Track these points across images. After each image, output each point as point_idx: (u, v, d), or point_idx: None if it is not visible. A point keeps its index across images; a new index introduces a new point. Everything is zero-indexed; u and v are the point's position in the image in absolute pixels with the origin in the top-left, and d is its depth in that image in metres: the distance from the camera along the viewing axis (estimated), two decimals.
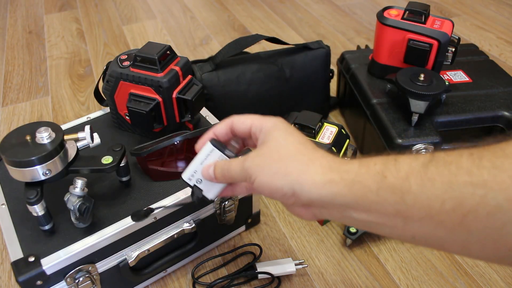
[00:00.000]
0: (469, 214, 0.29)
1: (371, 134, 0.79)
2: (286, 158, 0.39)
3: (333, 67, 0.99)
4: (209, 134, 0.46)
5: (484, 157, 0.29)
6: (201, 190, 0.47)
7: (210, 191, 0.46)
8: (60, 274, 0.52)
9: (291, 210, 0.42)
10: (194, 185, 0.46)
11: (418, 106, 0.69)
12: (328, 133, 0.67)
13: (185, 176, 0.47)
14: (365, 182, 0.34)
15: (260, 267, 0.64)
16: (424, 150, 0.69)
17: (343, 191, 0.36)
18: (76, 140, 0.54)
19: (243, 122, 0.44)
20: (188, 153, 0.61)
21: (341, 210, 0.37)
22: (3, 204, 0.58)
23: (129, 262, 0.57)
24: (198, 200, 0.47)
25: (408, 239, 0.35)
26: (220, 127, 0.46)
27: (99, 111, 0.75)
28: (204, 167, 0.45)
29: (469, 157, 0.30)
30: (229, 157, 0.44)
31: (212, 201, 0.47)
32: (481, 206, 0.28)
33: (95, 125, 0.71)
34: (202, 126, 0.70)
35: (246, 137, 0.45)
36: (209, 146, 0.45)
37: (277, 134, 0.41)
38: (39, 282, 0.50)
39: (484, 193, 0.28)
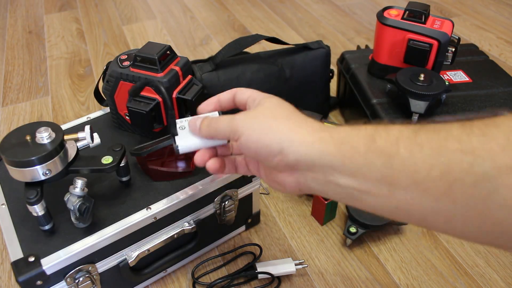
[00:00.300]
0: (456, 182, 0.29)
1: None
2: (277, 117, 0.39)
3: (333, 67, 0.99)
4: (213, 99, 0.47)
5: (474, 126, 0.29)
6: (176, 133, 0.46)
7: (183, 140, 0.45)
8: (60, 274, 0.52)
9: (273, 177, 0.41)
10: (178, 127, 0.46)
11: (418, 106, 0.69)
12: None
13: (179, 120, 0.47)
14: (354, 143, 0.34)
15: (260, 267, 0.64)
16: None
17: (331, 149, 0.35)
18: (76, 140, 0.54)
19: (243, 92, 0.45)
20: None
21: (327, 173, 0.36)
22: (3, 204, 0.58)
23: (129, 262, 0.57)
24: (172, 135, 0.46)
25: (391, 209, 0.34)
26: (224, 94, 0.47)
27: (99, 111, 0.75)
28: (193, 117, 0.45)
29: (459, 126, 0.30)
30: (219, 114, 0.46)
31: (177, 152, 0.46)
32: (468, 174, 0.28)
33: (95, 125, 0.71)
34: None
35: (243, 109, 0.46)
36: (214, 114, 0.47)
37: (270, 100, 0.42)
38: (39, 282, 0.50)
39: (472, 160, 0.28)
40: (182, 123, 0.47)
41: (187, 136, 0.45)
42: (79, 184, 0.52)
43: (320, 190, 0.38)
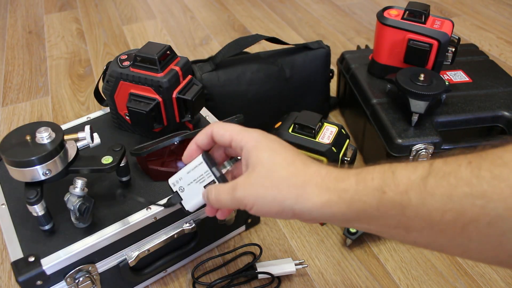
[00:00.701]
0: (470, 224, 0.29)
1: (371, 134, 0.79)
2: (279, 184, 0.38)
3: (333, 67, 0.99)
4: (192, 146, 0.46)
5: (482, 166, 0.29)
6: (181, 199, 0.47)
7: (189, 203, 0.47)
8: (60, 274, 0.52)
9: None
10: (176, 191, 0.47)
11: (418, 106, 0.69)
12: (328, 133, 0.67)
13: (171, 180, 0.47)
14: (364, 199, 0.35)
15: (260, 267, 0.64)
16: (424, 150, 0.69)
17: (342, 209, 0.36)
18: (76, 140, 0.54)
19: (222, 135, 0.43)
20: None
21: (343, 223, 0.37)
22: (3, 204, 0.58)
23: (129, 262, 0.57)
24: (169, 206, 0.48)
25: (410, 243, 0.35)
26: (201, 138, 0.45)
27: (99, 111, 0.75)
28: (202, 193, 0.45)
29: (467, 166, 0.30)
30: (215, 175, 0.44)
31: (189, 213, 0.48)
32: (482, 216, 0.29)
33: (95, 125, 0.71)
34: (202, 126, 0.70)
35: (227, 147, 0.45)
36: (199, 159, 0.45)
37: (263, 156, 0.40)
38: (39, 282, 0.50)
39: (484, 204, 0.28)
40: (178, 185, 0.47)
41: (191, 198, 0.47)
42: (79, 184, 0.52)
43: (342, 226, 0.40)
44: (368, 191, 0.34)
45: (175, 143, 0.60)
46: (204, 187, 0.45)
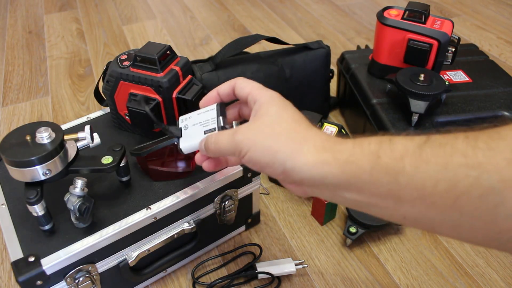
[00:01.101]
0: (462, 196, 0.29)
1: (371, 134, 0.79)
2: (279, 134, 0.38)
3: (333, 67, 0.99)
4: (213, 93, 0.47)
5: (479, 139, 0.29)
6: (180, 135, 0.48)
7: (186, 142, 0.47)
8: (60, 274, 0.52)
9: (282, 184, 0.42)
10: (181, 127, 0.49)
11: (418, 106, 0.69)
12: (328, 133, 0.67)
13: (181, 117, 0.49)
14: (358, 162, 0.34)
15: (260, 267, 0.64)
16: None
17: (335, 171, 0.35)
18: (76, 140, 0.54)
19: (243, 87, 0.45)
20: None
21: (332, 190, 0.37)
22: (3, 204, 0.58)
23: (129, 262, 0.57)
24: (167, 132, 0.49)
25: (399, 219, 0.35)
26: (224, 88, 0.47)
27: (99, 111, 0.75)
28: (201, 140, 0.46)
29: (464, 139, 0.30)
30: (218, 124, 0.45)
31: (181, 152, 0.48)
32: (474, 187, 0.28)
33: (95, 125, 0.71)
34: None
35: (243, 103, 0.46)
36: (213, 105, 0.47)
37: (272, 109, 0.41)
38: (39, 282, 0.50)
39: (478, 175, 0.28)
40: (185, 122, 0.48)
41: (189, 139, 0.47)
42: (79, 184, 0.52)
43: (329, 199, 0.39)
44: (364, 154, 0.34)
45: (175, 143, 0.60)
46: (205, 132, 0.46)
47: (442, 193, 0.30)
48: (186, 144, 0.47)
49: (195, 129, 0.47)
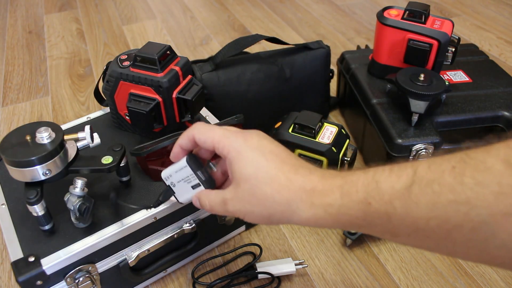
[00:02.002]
0: (454, 229, 0.30)
1: (371, 134, 0.79)
2: (264, 201, 0.39)
3: (333, 67, 0.99)
4: (177, 149, 0.46)
5: (466, 172, 0.29)
6: (173, 192, 0.50)
7: (182, 197, 0.49)
8: (60, 274, 0.52)
9: None
10: (169, 185, 0.49)
11: (418, 106, 0.69)
12: (328, 133, 0.67)
13: (163, 174, 0.49)
14: (350, 212, 0.36)
15: (260, 267, 0.64)
16: (424, 150, 0.69)
17: (330, 222, 0.37)
18: (76, 140, 0.54)
19: (204, 141, 0.43)
20: None
21: (335, 228, 0.41)
22: (3, 204, 0.58)
23: (129, 262, 0.57)
24: (161, 203, 0.51)
25: (400, 244, 0.38)
26: (185, 142, 0.45)
27: (99, 111, 0.75)
28: (193, 200, 0.47)
29: (451, 172, 0.30)
30: (200, 179, 0.46)
31: (182, 204, 0.51)
32: (466, 222, 0.29)
33: (95, 125, 0.71)
34: None
35: (213, 150, 0.45)
36: (183, 162, 0.46)
37: (246, 172, 0.40)
38: (39, 282, 0.50)
39: (467, 210, 0.29)
40: (169, 180, 0.49)
41: (183, 193, 0.49)
42: (79, 184, 0.52)
43: None
44: (353, 205, 0.35)
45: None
46: (192, 187, 0.47)
47: (434, 229, 0.31)
48: (182, 198, 0.50)
49: (182, 186, 0.48)
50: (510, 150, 0.28)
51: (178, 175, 0.48)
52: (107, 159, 0.53)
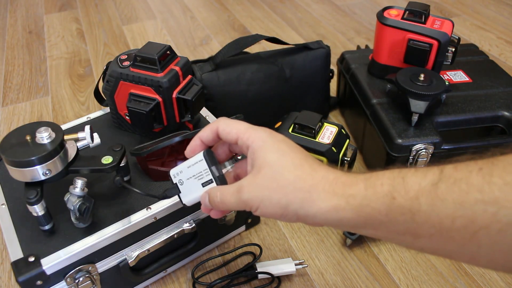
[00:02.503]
0: (480, 231, 0.29)
1: (371, 134, 0.79)
2: (285, 187, 0.37)
3: (333, 67, 0.99)
4: (196, 141, 0.45)
5: (494, 173, 0.29)
6: (179, 191, 0.47)
7: (187, 197, 0.47)
8: (60, 274, 0.52)
9: None
10: (176, 183, 0.47)
11: (418, 106, 0.69)
12: (328, 133, 0.67)
13: (172, 171, 0.47)
14: (373, 205, 0.34)
15: (260, 267, 0.64)
16: (424, 150, 0.69)
17: (349, 215, 0.35)
18: (76, 140, 0.54)
19: (228, 132, 0.42)
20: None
21: (349, 228, 0.37)
22: (3, 204, 0.58)
23: (129, 262, 0.57)
24: (165, 198, 0.48)
25: (417, 249, 0.35)
26: (207, 134, 0.44)
27: (99, 111, 0.75)
28: (202, 195, 0.44)
29: (478, 172, 0.30)
30: (213, 175, 0.43)
31: (185, 206, 0.49)
32: (493, 223, 0.28)
33: (95, 125, 0.71)
34: (202, 126, 0.70)
35: (232, 144, 0.44)
36: (200, 156, 0.44)
37: (269, 157, 0.39)
38: (39, 282, 0.50)
39: (495, 211, 0.28)
40: (178, 177, 0.47)
41: (189, 193, 0.46)
42: (79, 184, 0.52)
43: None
44: (378, 197, 0.34)
45: (175, 143, 0.60)
46: (202, 184, 0.45)
47: (460, 229, 0.30)
48: (188, 198, 0.47)
49: (192, 183, 0.46)
50: None
51: (191, 170, 0.45)
52: (107, 159, 0.53)
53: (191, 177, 0.45)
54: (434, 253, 0.34)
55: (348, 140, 0.69)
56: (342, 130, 0.69)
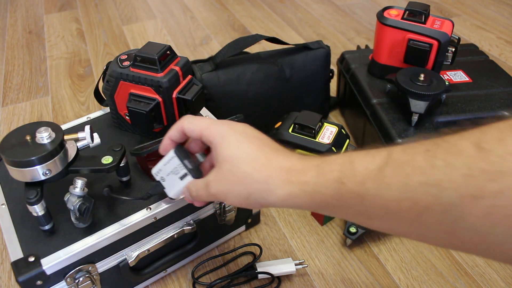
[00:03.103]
0: (424, 212, 0.30)
1: (371, 134, 0.79)
2: (243, 180, 0.40)
3: (333, 67, 0.99)
4: (166, 141, 0.48)
5: (437, 154, 0.30)
6: (163, 187, 0.51)
7: (171, 191, 0.51)
8: (60, 274, 0.52)
9: None
10: (159, 181, 0.51)
11: (418, 106, 0.69)
12: (328, 133, 0.67)
13: (153, 170, 0.51)
14: (324, 191, 0.36)
15: (260, 267, 0.64)
16: None
17: (304, 201, 0.38)
18: (76, 140, 0.54)
19: (192, 130, 0.45)
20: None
21: (309, 210, 0.40)
22: (3, 204, 0.58)
23: (129, 262, 0.57)
24: (150, 197, 0.53)
25: (374, 229, 0.37)
26: (174, 134, 0.48)
27: (99, 111, 0.75)
28: (184, 191, 0.49)
29: (423, 155, 0.30)
30: (187, 168, 0.47)
31: (172, 200, 0.53)
32: (435, 204, 0.29)
33: (95, 125, 0.71)
34: None
35: (201, 141, 0.47)
36: (171, 153, 0.48)
37: (228, 152, 0.42)
38: (39, 282, 0.50)
39: (437, 192, 0.29)
40: (159, 175, 0.51)
41: (172, 187, 0.51)
42: (79, 184, 0.52)
43: None
44: (328, 184, 0.36)
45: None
46: (180, 178, 0.48)
47: (405, 211, 0.31)
48: (172, 192, 0.51)
49: (171, 178, 0.50)
50: (483, 135, 0.28)
51: (167, 167, 0.49)
52: (107, 159, 0.53)
53: (169, 173, 0.49)
54: (390, 232, 0.36)
55: (348, 140, 0.69)
56: (342, 130, 0.69)
